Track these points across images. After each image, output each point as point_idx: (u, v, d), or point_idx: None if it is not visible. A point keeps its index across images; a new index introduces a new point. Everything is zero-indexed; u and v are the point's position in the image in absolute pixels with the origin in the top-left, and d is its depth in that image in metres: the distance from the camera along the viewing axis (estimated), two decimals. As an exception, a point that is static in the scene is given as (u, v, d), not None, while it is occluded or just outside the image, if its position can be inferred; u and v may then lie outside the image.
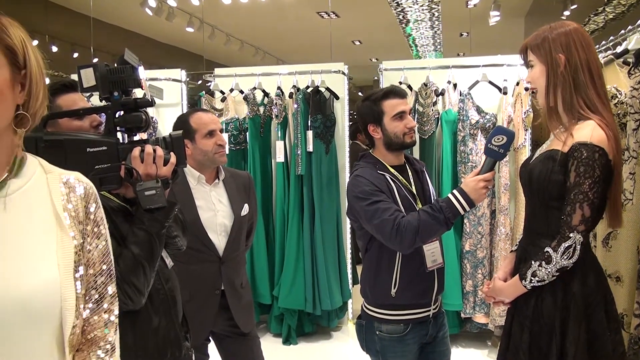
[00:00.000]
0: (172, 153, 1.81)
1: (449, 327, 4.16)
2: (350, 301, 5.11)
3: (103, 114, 1.81)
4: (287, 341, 4.81)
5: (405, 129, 2.47)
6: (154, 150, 1.76)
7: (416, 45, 13.34)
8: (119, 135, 1.82)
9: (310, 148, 4.71)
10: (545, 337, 1.93)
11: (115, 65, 1.77)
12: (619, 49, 3.26)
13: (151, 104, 1.83)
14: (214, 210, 2.81)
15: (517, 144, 4.35)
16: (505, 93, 4.44)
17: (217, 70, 5.31)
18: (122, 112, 1.80)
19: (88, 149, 1.70)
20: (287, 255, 4.77)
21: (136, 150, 1.75)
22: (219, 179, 2.86)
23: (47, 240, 1.17)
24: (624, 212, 2.69)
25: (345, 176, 5.00)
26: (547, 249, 1.90)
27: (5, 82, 1.12)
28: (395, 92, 2.50)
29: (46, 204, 1.20)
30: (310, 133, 4.71)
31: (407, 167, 2.58)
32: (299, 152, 4.69)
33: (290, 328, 4.82)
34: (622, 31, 3.39)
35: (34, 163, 1.23)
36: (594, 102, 1.96)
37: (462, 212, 2.25)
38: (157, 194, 1.72)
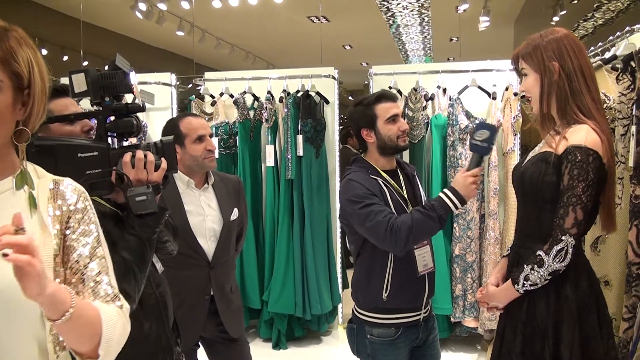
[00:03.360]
0: (163, 158, 1.81)
1: (439, 331, 4.17)
2: (340, 305, 5.11)
3: (94, 119, 1.81)
4: (277, 346, 4.80)
5: (398, 131, 2.48)
6: (145, 156, 1.76)
7: (406, 51, 13.38)
8: (110, 140, 1.82)
9: (300, 152, 4.71)
10: (538, 340, 1.93)
11: (107, 70, 1.77)
12: (607, 55, 3.28)
13: (142, 109, 1.83)
14: (203, 214, 2.80)
15: (506, 149, 4.38)
16: (494, 98, 4.47)
17: (207, 74, 5.31)
18: (113, 118, 1.80)
19: (79, 154, 1.69)
20: (277, 259, 4.76)
21: (127, 156, 1.75)
22: (208, 184, 2.86)
23: None
24: (613, 217, 2.71)
25: (335, 180, 5.01)
26: (539, 252, 1.90)
27: (7, 105, 1.17)
28: (387, 96, 2.53)
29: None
30: (300, 137, 4.71)
31: (399, 172, 2.59)
32: (289, 157, 4.69)
33: (280, 333, 4.81)
34: (611, 37, 3.41)
35: (29, 169, 1.28)
36: (589, 107, 1.97)
37: (454, 209, 2.28)
38: (148, 199, 1.72)
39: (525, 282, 1.93)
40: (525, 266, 1.93)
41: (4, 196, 1.22)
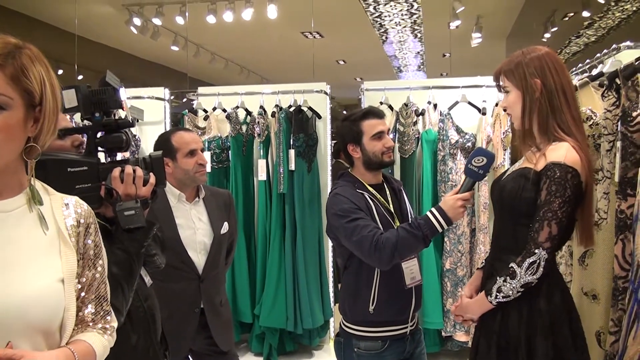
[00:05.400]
0: (151, 173, 1.83)
1: (430, 346, 4.17)
2: (331, 319, 5.10)
3: (84, 133, 1.84)
4: (268, 360, 4.80)
5: (383, 148, 2.52)
6: (134, 171, 1.78)
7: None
8: (99, 155, 1.84)
9: (292, 167, 4.73)
10: (511, 352, 1.95)
11: (97, 86, 1.80)
12: (594, 72, 3.32)
13: (132, 124, 1.85)
14: (194, 228, 2.83)
15: (496, 164, 4.40)
16: (484, 113, 4.51)
17: (201, 89, 5.34)
18: (103, 133, 1.83)
19: (69, 169, 1.71)
20: (268, 273, 4.77)
21: (116, 171, 1.77)
22: (199, 197, 2.88)
23: (50, 254, 1.24)
24: (600, 231, 2.74)
25: (327, 195, 4.99)
26: (512, 264, 1.93)
27: (18, 122, 1.17)
28: (373, 113, 2.56)
29: (49, 221, 1.27)
30: (292, 152, 4.73)
31: (385, 186, 2.63)
32: (281, 171, 4.72)
33: (271, 347, 4.80)
34: (598, 55, 3.45)
35: (38, 186, 1.30)
36: (569, 125, 2.00)
37: (439, 229, 2.30)
38: (136, 214, 1.73)
39: (498, 294, 1.95)
40: (498, 278, 1.96)
41: (17, 213, 1.23)
